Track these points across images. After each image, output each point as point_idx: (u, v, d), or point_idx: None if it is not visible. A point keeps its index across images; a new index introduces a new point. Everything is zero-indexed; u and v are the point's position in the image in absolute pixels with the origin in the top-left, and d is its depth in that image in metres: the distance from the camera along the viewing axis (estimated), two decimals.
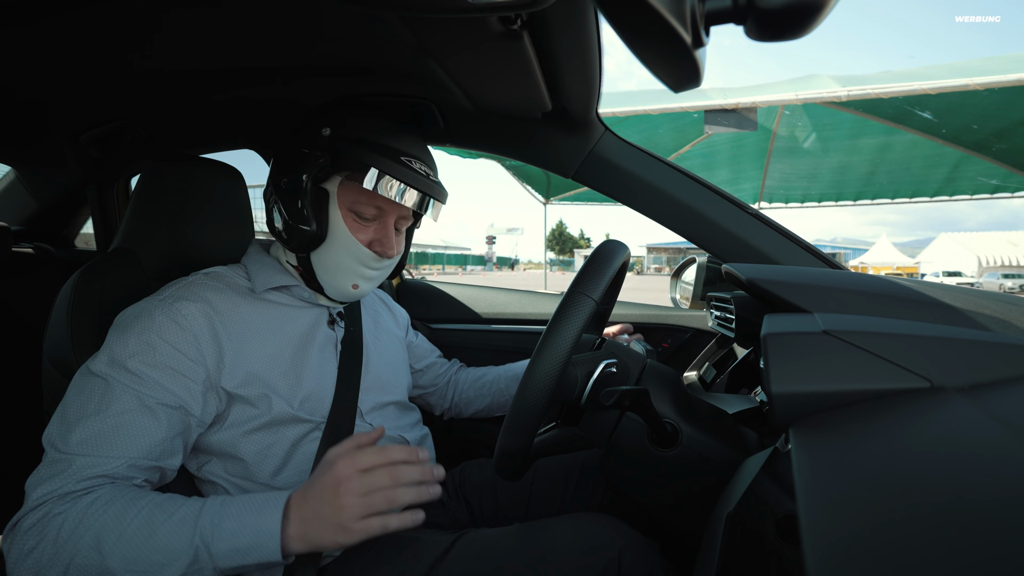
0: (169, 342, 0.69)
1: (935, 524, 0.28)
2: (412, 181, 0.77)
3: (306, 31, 0.75)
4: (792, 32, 0.31)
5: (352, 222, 0.80)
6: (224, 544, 0.58)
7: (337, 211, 0.79)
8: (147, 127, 1.14)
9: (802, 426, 0.45)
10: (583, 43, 0.70)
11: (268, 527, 0.59)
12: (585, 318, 0.59)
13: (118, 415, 0.64)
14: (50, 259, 1.46)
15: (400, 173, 0.76)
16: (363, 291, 0.85)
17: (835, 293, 0.62)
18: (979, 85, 3.88)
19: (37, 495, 0.59)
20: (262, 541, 0.59)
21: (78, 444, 0.62)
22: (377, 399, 0.88)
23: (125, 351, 0.67)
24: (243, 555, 0.58)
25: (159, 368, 0.67)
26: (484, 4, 0.38)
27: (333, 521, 0.60)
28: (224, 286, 0.79)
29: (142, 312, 0.71)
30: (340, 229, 0.79)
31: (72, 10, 0.68)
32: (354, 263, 0.81)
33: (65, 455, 0.61)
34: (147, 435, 0.65)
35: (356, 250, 0.80)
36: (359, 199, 0.79)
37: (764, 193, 7.42)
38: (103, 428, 0.63)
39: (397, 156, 0.77)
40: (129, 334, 0.69)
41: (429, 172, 0.81)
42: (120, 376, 0.66)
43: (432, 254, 52.07)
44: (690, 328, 1.30)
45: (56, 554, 0.56)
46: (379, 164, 0.75)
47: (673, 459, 0.66)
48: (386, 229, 0.82)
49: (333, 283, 0.83)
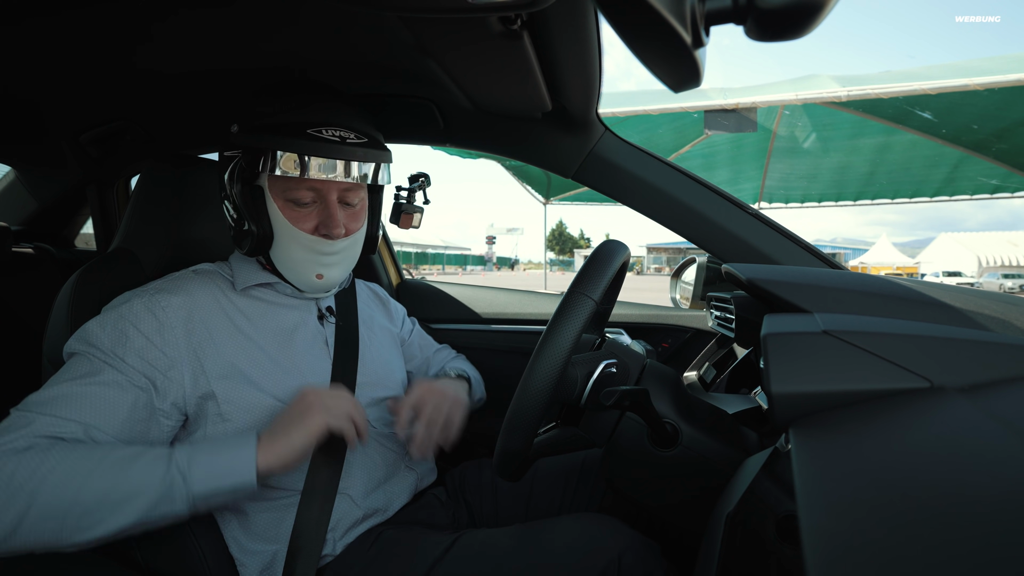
0: (143, 332, 0.70)
1: (935, 524, 0.28)
2: (322, 152, 0.72)
3: (306, 31, 0.75)
4: (792, 32, 0.31)
5: (291, 212, 0.77)
6: (200, 470, 0.61)
7: (274, 205, 0.77)
8: (147, 127, 1.14)
9: (802, 426, 0.45)
10: (583, 43, 0.70)
11: (244, 454, 0.64)
12: (585, 318, 0.59)
13: (88, 384, 0.65)
14: (50, 259, 1.46)
15: (306, 147, 0.71)
16: (331, 279, 0.82)
17: (835, 293, 0.62)
18: (979, 85, 3.89)
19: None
20: (238, 466, 0.63)
21: (37, 404, 0.62)
22: (372, 394, 0.88)
23: (100, 334, 0.69)
24: (219, 478, 0.62)
25: (130, 354, 0.68)
26: (484, 4, 0.38)
27: (298, 424, 0.67)
28: (209, 282, 0.79)
29: (123, 300, 0.73)
30: (281, 223, 0.77)
31: (72, 10, 0.68)
32: (307, 253, 0.79)
33: (23, 413, 0.62)
34: (111, 408, 0.65)
35: (303, 240, 0.77)
36: (288, 186, 0.76)
37: (764, 193, 7.43)
38: (69, 392, 0.64)
39: (302, 130, 0.72)
40: (106, 319, 0.70)
41: (347, 136, 0.74)
42: (96, 354, 0.68)
43: (432, 254, 52.09)
44: (690, 328, 1.30)
45: (11, 497, 0.54)
46: (281, 144, 0.71)
47: (673, 459, 0.66)
48: (329, 208, 0.77)
49: (297, 278, 0.82)
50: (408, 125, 1.08)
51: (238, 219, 0.78)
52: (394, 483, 0.87)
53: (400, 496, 0.87)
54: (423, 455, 0.83)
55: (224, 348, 0.74)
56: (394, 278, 1.54)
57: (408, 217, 1.29)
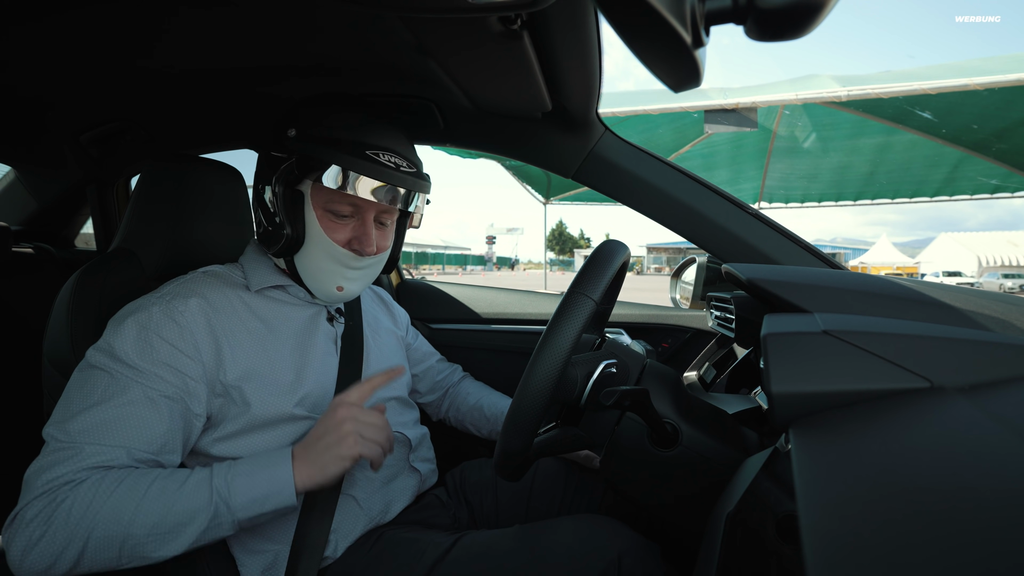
0: (167, 340, 0.69)
1: (935, 524, 0.28)
2: (377, 175, 0.74)
3: (306, 31, 0.75)
4: (792, 32, 0.31)
5: (328, 222, 0.78)
6: (241, 497, 0.63)
7: (312, 213, 0.77)
8: (147, 127, 1.14)
9: (802, 426, 0.45)
10: (583, 43, 0.70)
11: (281, 475, 0.65)
12: (585, 318, 0.59)
13: (121, 406, 0.64)
14: (50, 259, 1.46)
15: (364, 168, 0.73)
16: (349, 292, 0.83)
17: (835, 293, 0.62)
18: (979, 85, 3.89)
19: (40, 483, 0.59)
20: (277, 488, 0.65)
21: (79, 432, 0.62)
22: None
23: (124, 346, 0.68)
24: (261, 504, 0.64)
25: (159, 365, 0.68)
26: (484, 4, 0.38)
27: (334, 451, 0.67)
28: (222, 284, 0.79)
29: (140, 308, 0.72)
30: (316, 231, 0.78)
31: (72, 10, 0.68)
32: (334, 264, 0.80)
33: (65, 443, 0.61)
34: (149, 426, 0.65)
35: (333, 251, 0.78)
36: (332, 198, 0.77)
37: (764, 193, 7.43)
38: (106, 417, 0.63)
39: (362, 151, 0.74)
40: (128, 330, 0.69)
41: (401, 164, 0.77)
42: (122, 370, 0.66)
43: (432, 254, 52.08)
44: (690, 328, 1.30)
45: (72, 534, 0.57)
46: (341, 161, 0.73)
47: (673, 459, 0.66)
48: (365, 226, 0.79)
49: (317, 286, 0.82)
50: (408, 125, 1.08)
51: (273, 219, 0.78)
52: (397, 484, 0.87)
53: (403, 497, 0.87)
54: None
55: (242, 349, 0.75)
56: (394, 278, 1.54)
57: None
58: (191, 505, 0.61)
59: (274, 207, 0.77)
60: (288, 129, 0.77)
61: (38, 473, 0.60)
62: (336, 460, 0.67)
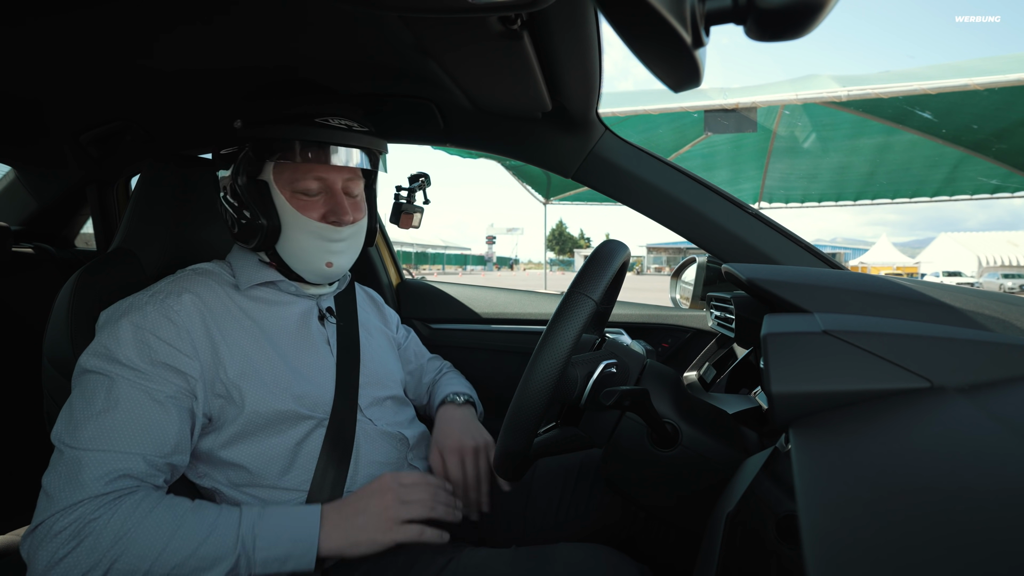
0: (164, 339, 0.69)
1: (935, 524, 0.28)
2: (330, 137, 0.75)
3: (307, 30, 0.75)
4: (792, 32, 0.31)
5: (299, 202, 0.79)
6: (263, 553, 0.63)
7: (281, 197, 0.78)
8: (147, 127, 1.14)
9: (802, 426, 0.45)
10: (583, 43, 0.70)
11: (306, 537, 0.65)
12: (585, 318, 0.59)
13: (129, 410, 0.64)
14: (50, 259, 1.46)
15: (317, 133, 0.74)
16: (339, 267, 0.84)
17: (835, 293, 0.62)
18: (979, 85, 3.89)
19: (66, 498, 0.59)
20: (299, 551, 0.65)
21: (91, 440, 0.62)
22: (374, 394, 0.88)
23: (123, 348, 0.67)
24: (281, 563, 0.64)
25: (159, 365, 0.67)
26: (484, 4, 0.38)
27: (374, 523, 0.68)
28: (213, 282, 0.79)
29: (133, 308, 0.71)
30: (290, 214, 0.78)
31: (72, 10, 0.68)
32: (316, 241, 0.80)
33: (78, 451, 0.61)
34: (160, 430, 0.65)
35: (312, 227, 0.79)
36: (295, 177, 0.78)
37: (764, 193, 7.43)
38: (115, 423, 0.63)
39: (310, 119, 0.75)
40: (124, 331, 0.68)
41: (352, 124, 0.78)
42: (124, 372, 0.66)
43: (432, 254, 52.08)
44: (690, 328, 1.30)
45: (99, 560, 0.57)
46: (292, 132, 0.74)
47: (673, 459, 0.66)
48: (336, 196, 0.80)
49: (305, 268, 0.82)
50: (408, 125, 1.08)
51: (244, 214, 0.78)
52: None
53: None
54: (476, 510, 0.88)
55: (238, 348, 0.74)
56: (394, 278, 1.54)
57: (408, 217, 1.29)
58: (215, 552, 0.61)
59: (241, 201, 0.78)
60: (234, 122, 0.79)
61: (59, 485, 0.59)
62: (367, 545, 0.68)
